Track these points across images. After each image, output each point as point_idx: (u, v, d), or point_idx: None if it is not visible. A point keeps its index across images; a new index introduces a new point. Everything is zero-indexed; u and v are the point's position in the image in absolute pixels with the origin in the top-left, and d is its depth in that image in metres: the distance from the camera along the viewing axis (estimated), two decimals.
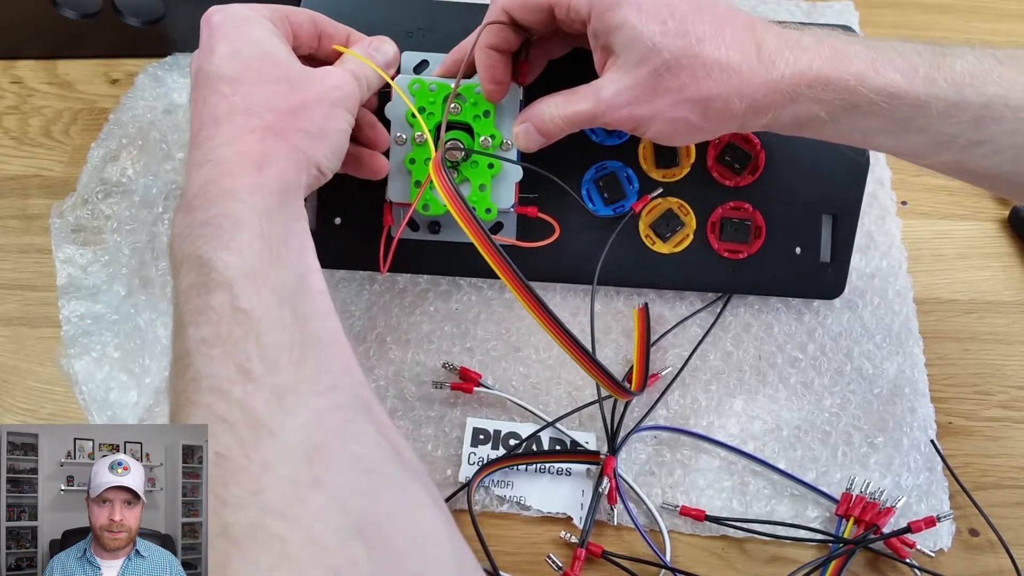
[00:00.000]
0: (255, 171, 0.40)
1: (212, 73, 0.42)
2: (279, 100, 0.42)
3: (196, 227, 0.38)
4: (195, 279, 0.37)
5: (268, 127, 0.41)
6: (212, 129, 0.41)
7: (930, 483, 0.55)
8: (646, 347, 0.56)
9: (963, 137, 0.42)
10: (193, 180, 0.40)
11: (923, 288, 0.61)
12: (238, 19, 0.44)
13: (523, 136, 0.49)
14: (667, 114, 0.44)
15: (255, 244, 0.38)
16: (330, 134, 0.44)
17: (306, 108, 0.43)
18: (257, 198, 0.39)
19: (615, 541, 0.53)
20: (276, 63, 0.44)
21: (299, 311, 0.37)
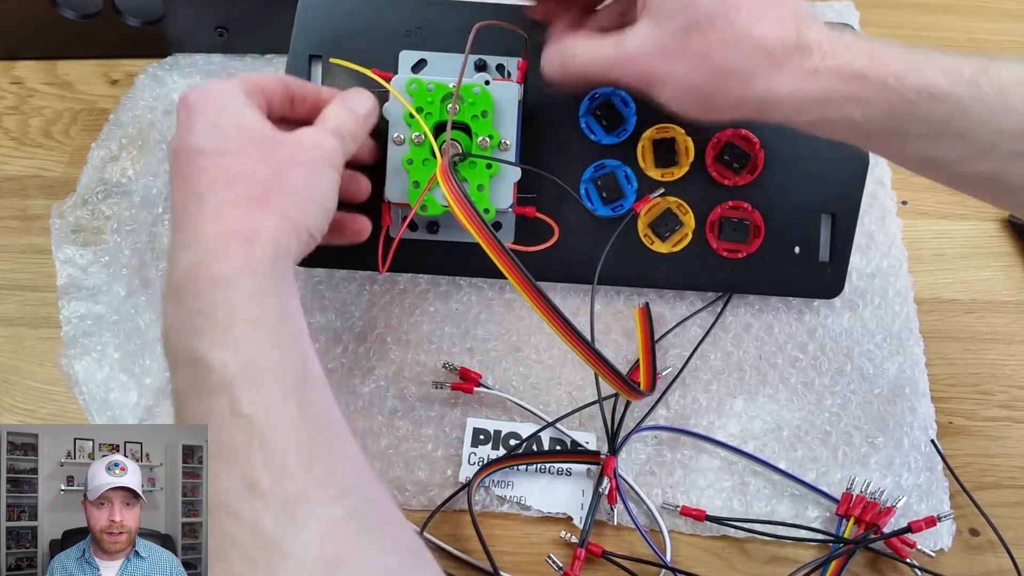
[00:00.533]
0: (243, 248, 0.38)
1: (191, 148, 0.41)
2: (260, 166, 0.41)
3: (187, 319, 0.37)
4: (192, 380, 0.36)
5: (252, 196, 0.40)
6: (195, 205, 0.40)
7: (930, 483, 0.55)
8: (651, 346, 0.56)
9: (1005, 146, 0.40)
10: (179, 264, 0.39)
11: (923, 288, 0.61)
12: (214, 95, 0.43)
13: (547, 61, 0.48)
14: (684, 77, 0.42)
15: (251, 335, 0.36)
16: (316, 194, 0.43)
17: (288, 170, 0.42)
18: (248, 280, 0.38)
19: (615, 541, 0.53)
20: (253, 131, 0.43)
21: (303, 405, 0.36)
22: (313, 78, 0.56)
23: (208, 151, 0.41)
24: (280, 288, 0.39)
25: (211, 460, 0.34)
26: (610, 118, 0.56)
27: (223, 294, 0.37)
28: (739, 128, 0.55)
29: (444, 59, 0.54)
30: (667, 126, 0.56)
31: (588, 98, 0.55)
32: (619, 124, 0.56)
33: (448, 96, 0.50)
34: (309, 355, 0.39)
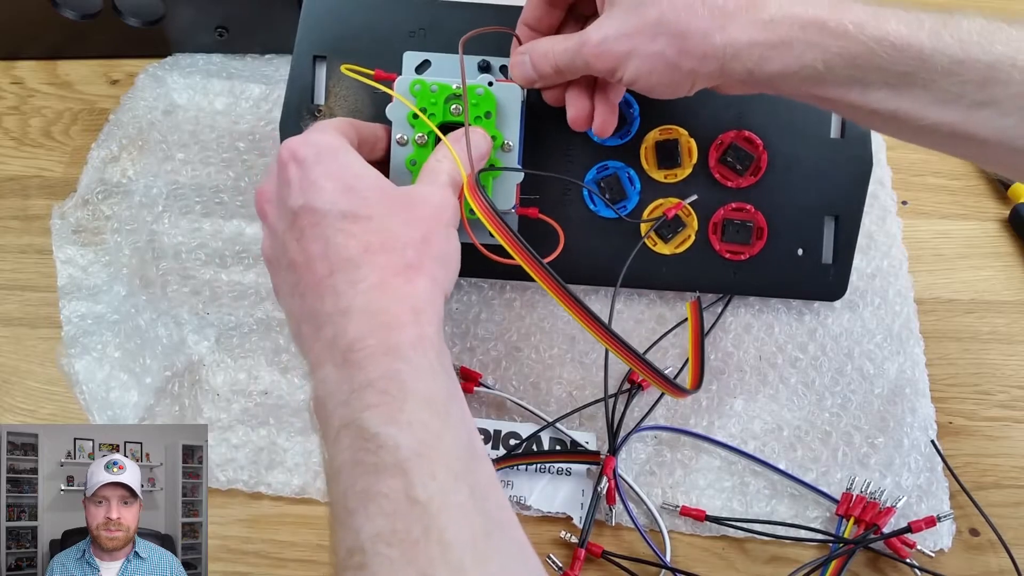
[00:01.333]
0: (414, 321, 0.38)
1: (328, 211, 0.40)
2: (409, 230, 0.41)
3: (357, 390, 0.36)
4: (360, 455, 0.35)
5: (409, 264, 0.40)
6: (351, 273, 0.39)
7: (930, 483, 0.55)
8: (700, 341, 0.55)
9: (968, 97, 0.39)
10: (343, 331, 0.37)
11: (923, 288, 0.61)
12: (330, 150, 0.42)
13: (517, 67, 0.49)
14: (644, 49, 0.42)
15: (424, 414, 0.35)
16: (452, 257, 0.43)
17: (433, 234, 0.41)
18: (420, 355, 0.37)
19: (615, 541, 0.53)
20: (387, 191, 0.42)
21: (475, 489, 0.35)
22: (317, 79, 0.56)
23: (352, 215, 0.40)
24: (444, 360, 0.39)
25: (384, 545, 0.33)
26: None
27: (398, 367, 0.36)
28: (741, 130, 0.55)
29: (448, 60, 0.54)
30: (670, 127, 0.56)
31: None
32: (622, 125, 0.56)
33: (451, 97, 0.50)
34: (474, 432, 0.38)
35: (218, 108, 0.65)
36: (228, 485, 0.55)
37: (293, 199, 0.41)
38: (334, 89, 0.56)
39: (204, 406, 0.57)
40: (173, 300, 0.60)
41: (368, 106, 0.56)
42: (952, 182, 0.65)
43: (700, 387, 0.53)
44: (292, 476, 0.55)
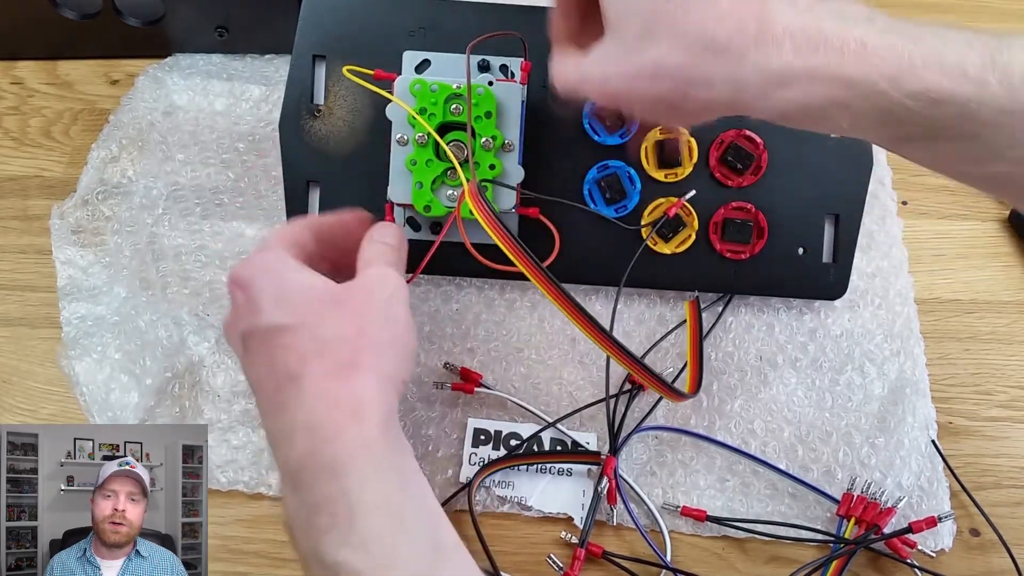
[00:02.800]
0: (352, 424, 0.37)
1: (266, 329, 0.40)
2: (342, 328, 0.40)
3: (310, 515, 0.36)
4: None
5: (345, 363, 0.39)
6: (292, 388, 0.38)
7: (931, 483, 0.55)
8: (699, 343, 0.55)
9: (1019, 150, 0.34)
10: (292, 452, 0.37)
11: (924, 288, 0.61)
12: (263, 266, 0.42)
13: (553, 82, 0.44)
14: (646, 93, 0.38)
15: (376, 528, 0.35)
16: (400, 337, 0.42)
17: (369, 324, 0.40)
18: (363, 461, 0.37)
19: (616, 541, 0.53)
20: (320, 292, 0.41)
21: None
22: (316, 79, 0.56)
23: (285, 327, 0.39)
24: (395, 456, 0.38)
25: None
26: (613, 119, 0.56)
27: (341, 484, 0.36)
28: (742, 129, 0.55)
29: (448, 59, 0.54)
30: None
31: None
32: (623, 124, 0.56)
33: (452, 97, 0.50)
34: (438, 522, 0.38)
35: (218, 109, 0.65)
36: (229, 486, 0.55)
37: (241, 324, 0.41)
38: (334, 89, 0.56)
39: (205, 407, 0.57)
40: (173, 301, 0.60)
41: (368, 106, 0.56)
42: (952, 182, 0.65)
43: (699, 391, 0.53)
44: None
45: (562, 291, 0.42)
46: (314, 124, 0.56)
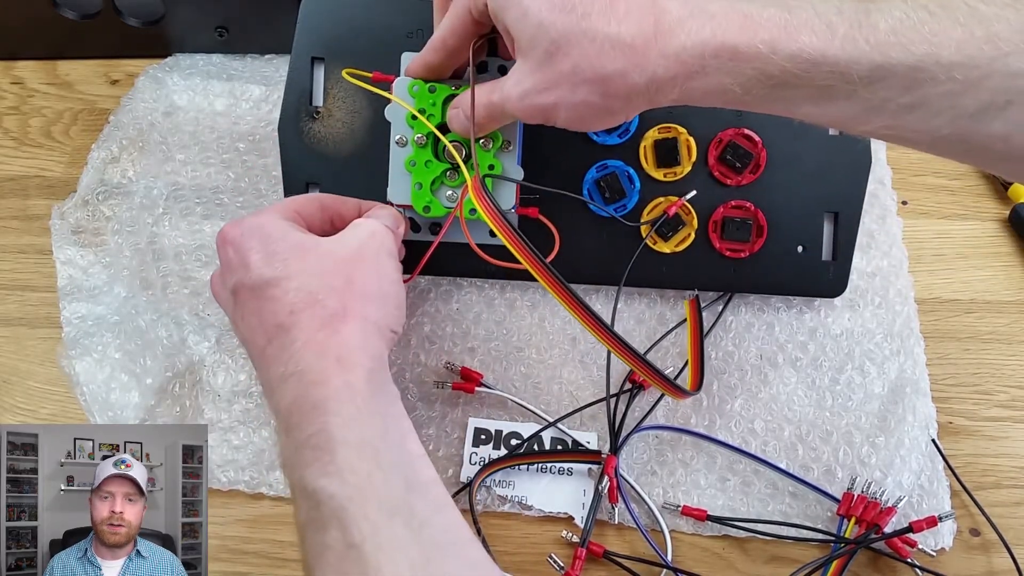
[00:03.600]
0: (338, 370, 0.40)
1: (255, 283, 0.42)
2: (330, 278, 0.42)
3: (297, 450, 0.39)
4: (308, 513, 0.38)
5: (333, 313, 0.41)
6: (282, 337, 0.41)
7: (931, 483, 0.55)
8: (700, 341, 0.55)
9: (893, 102, 0.37)
10: (284, 397, 0.40)
11: (924, 288, 0.61)
12: (254, 226, 0.44)
13: (454, 119, 0.48)
14: (568, 99, 0.41)
15: (353, 460, 0.37)
16: (388, 289, 0.44)
17: (357, 273, 0.43)
18: (347, 402, 0.39)
19: (616, 541, 0.53)
20: (308, 246, 0.44)
21: (412, 519, 0.37)
22: (315, 80, 0.56)
23: (274, 280, 0.42)
24: (379, 400, 0.40)
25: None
26: None
27: (325, 421, 0.38)
28: (740, 127, 0.55)
29: None
30: (669, 126, 0.56)
31: None
32: (621, 124, 0.56)
33: (450, 98, 0.50)
34: (416, 462, 0.40)
35: (218, 109, 0.65)
36: (229, 486, 0.55)
37: (229, 279, 0.44)
38: (332, 90, 0.56)
39: (205, 407, 0.57)
40: (173, 301, 0.60)
41: (366, 107, 0.56)
42: (952, 182, 0.65)
43: (700, 388, 0.53)
44: None
45: (565, 286, 0.42)
46: (313, 126, 0.56)
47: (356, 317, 0.42)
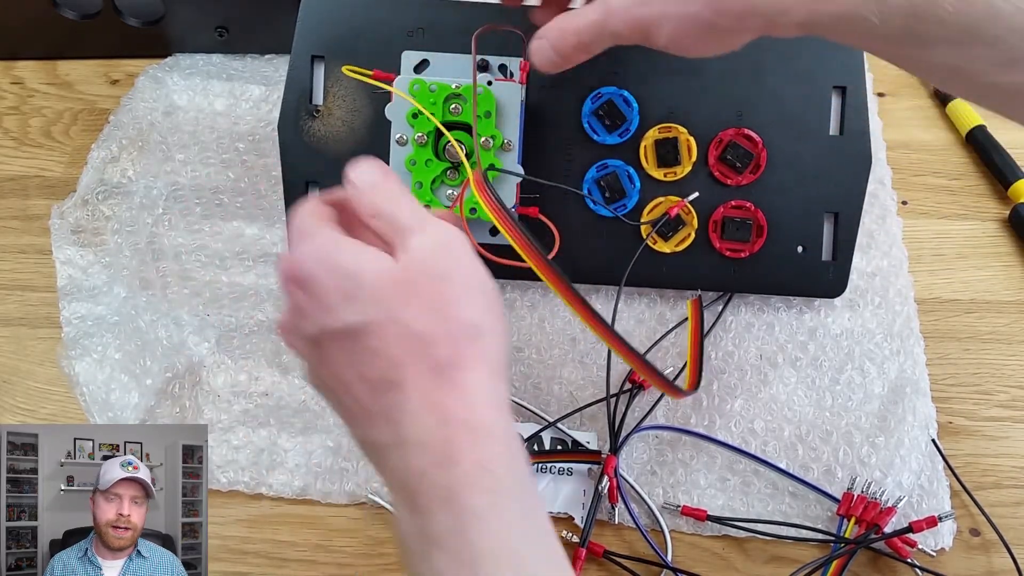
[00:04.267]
0: (468, 443, 0.33)
1: (344, 332, 0.34)
2: (426, 316, 0.34)
3: (427, 545, 0.32)
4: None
5: (444, 365, 0.33)
6: (393, 397, 0.34)
7: (931, 483, 0.55)
8: (700, 341, 0.54)
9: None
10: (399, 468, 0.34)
11: (924, 288, 0.61)
12: (319, 256, 0.35)
13: (537, 53, 0.43)
14: (677, 10, 0.37)
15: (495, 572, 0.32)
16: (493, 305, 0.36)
17: (452, 304, 0.34)
18: (484, 493, 0.32)
19: (616, 541, 0.53)
20: (388, 276, 0.34)
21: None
22: (315, 79, 0.56)
23: (367, 327, 0.34)
24: (518, 481, 0.34)
25: None
26: (612, 118, 0.56)
27: (460, 521, 0.32)
28: (741, 127, 0.55)
29: (446, 59, 0.54)
30: (669, 126, 0.56)
31: (590, 98, 0.56)
32: (621, 124, 0.56)
33: (451, 96, 0.50)
34: (561, 567, 0.34)
35: (218, 109, 0.65)
36: (229, 487, 0.55)
37: (308, 326, 0.36)
38: (332, 89, 0.56)
39: (205, 407, 0.57)
40: (173, 302, 0.60)
41: (367, 106, 0.56)
42: (952, 182, 0.65)
43: (698, 387, 0.53)
44: (293, 477, 0.55)
45: (567, 282, 0.41)
46: (313, 124, 0.56)
47: (471, 361, 0.34)
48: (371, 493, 0.54)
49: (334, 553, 0.53)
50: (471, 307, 0.35)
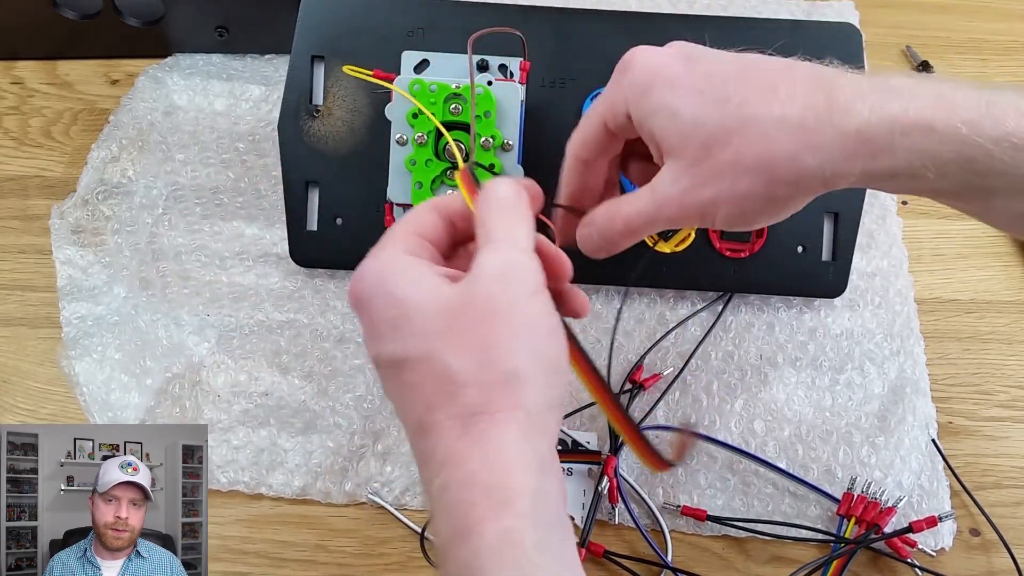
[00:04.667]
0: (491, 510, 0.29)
1: (389, 360, 0.33)
2: (462, 354, 0.31)
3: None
4: None
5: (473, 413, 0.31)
6: (425, 441, 0.32)
7: (931, 483, 0.55)
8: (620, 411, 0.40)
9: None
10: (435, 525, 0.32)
11: (923, 288, 0.61)
12: (376, 278, 0.34)
13: (585, 241, 0.42)
14: (730, 192, 0.36)
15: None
16: (543, 349, 0.32)
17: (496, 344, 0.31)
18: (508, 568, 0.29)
19: (616, 541, 0.53)
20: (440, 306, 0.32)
21: None
22: (315, 79, 0.56)
23: (406, 361, 0.32)
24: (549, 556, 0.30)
25: None
26: None
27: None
28: None
29: (446, 59, 0.54)
30: None
31: (590, 98, 0.56)
32: None
33: (451, 96, 0.50)
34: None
35: (218, 109, 0.65)
36: (229, 487, 0.55)
37: (369, 348, 0.35)
38: (332, 89, 0.56)
39: (205, 407, 0.57)
40: (173, 302, 0.60)
41: (367, 106, 0.56)
42: None
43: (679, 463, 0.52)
44: (293, 477, 0.55)
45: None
46: (313, 124, 0.56)
47: (506, 410, 0.31)
48: (371, 493, 0.54)
49: (334, 553, 0.53)
50: (514, 350, 0.32)
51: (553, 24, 0.56)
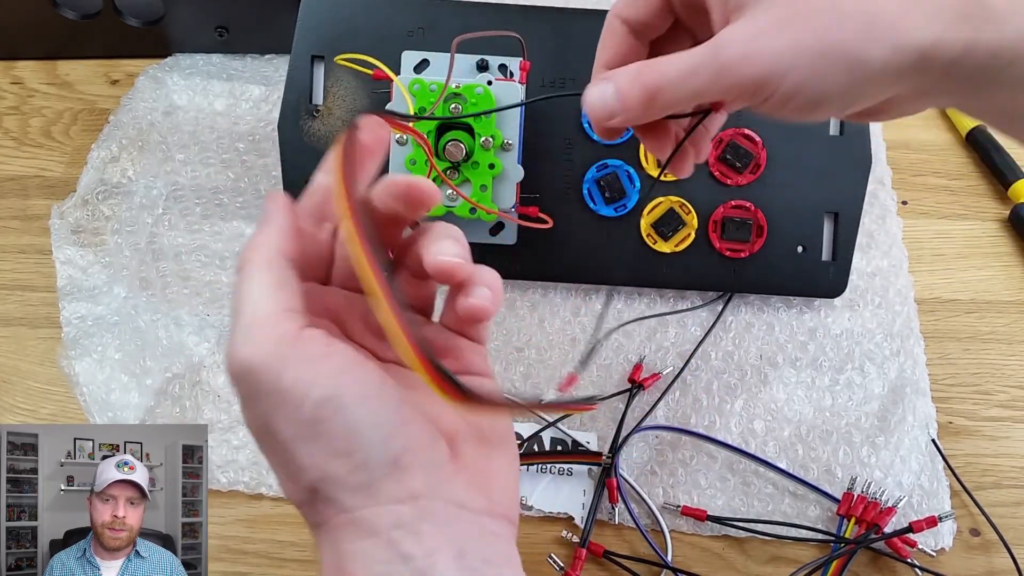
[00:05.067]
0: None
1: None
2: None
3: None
4: None
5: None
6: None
7: (931, 483, 0.55)
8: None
9: None
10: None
11: (923, 288, 0.61)
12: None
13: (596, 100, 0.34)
14: (814, 44, 0.30)
15: None
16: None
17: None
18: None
19: (616, 541, 0.53)
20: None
21: None
22: (315, 79, 0.56)
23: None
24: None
25: None
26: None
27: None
28: (740, 127, 0.55)
29: (446, 59, 0.54)
30: None
31: None
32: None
33: (451, 96, 0.50)
34: None
35: (218, 109, 0.65)
36: (229, 486, 0.55)
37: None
38: (332, 89, 0.56)
39: (205, 407, 0.57)
40: (173, 301, 0.60)
41: (366, 106, 0.56)
42: (952, 182, 0.65)
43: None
44: None
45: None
46: (313, 124, 0.56)
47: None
48: None
49: None
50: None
51: (553, 24, 0.56)
